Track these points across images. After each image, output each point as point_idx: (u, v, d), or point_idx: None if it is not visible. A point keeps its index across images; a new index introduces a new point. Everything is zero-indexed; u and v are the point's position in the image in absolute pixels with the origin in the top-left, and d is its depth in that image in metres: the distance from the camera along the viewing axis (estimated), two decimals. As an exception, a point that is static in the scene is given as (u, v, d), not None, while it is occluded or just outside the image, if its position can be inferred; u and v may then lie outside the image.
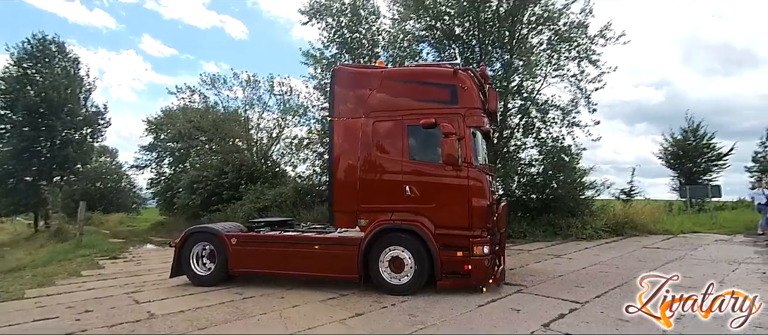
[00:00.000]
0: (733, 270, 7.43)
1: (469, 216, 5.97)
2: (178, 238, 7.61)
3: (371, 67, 7.12)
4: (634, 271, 7.33)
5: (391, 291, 6.12)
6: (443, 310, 5.33)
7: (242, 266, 6.94)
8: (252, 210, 16.00)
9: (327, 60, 17.39)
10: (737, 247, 10.54)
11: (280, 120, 22.94)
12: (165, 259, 11.05)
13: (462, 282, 6.02)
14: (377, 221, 6.30)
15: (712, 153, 22.40)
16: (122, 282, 7.89)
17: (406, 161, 6.31)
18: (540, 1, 14.80)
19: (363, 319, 5.10)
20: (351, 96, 6.71)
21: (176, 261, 7.32)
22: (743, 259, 8.53)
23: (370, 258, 6.27)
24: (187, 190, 20.59)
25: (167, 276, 8.03)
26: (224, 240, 6.99)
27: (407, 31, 16.46)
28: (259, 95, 22.99)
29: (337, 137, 6.71)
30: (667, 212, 16.89)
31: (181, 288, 7.08)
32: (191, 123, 24.53)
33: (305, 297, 6.16)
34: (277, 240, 6.91)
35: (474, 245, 5.93)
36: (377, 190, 6.44)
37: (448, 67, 6.42)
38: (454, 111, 6.14)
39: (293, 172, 22.06)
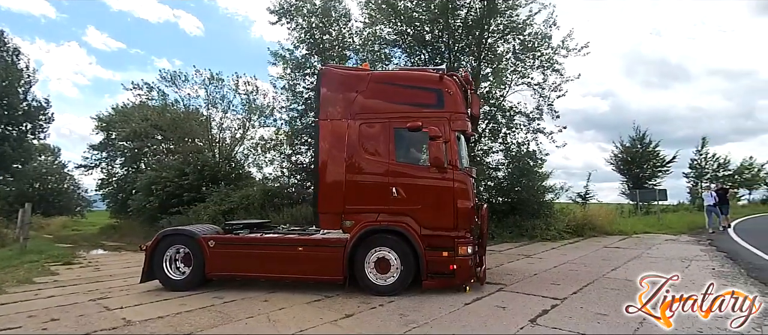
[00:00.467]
0: (686, 266, 8.08)
1: (455, 217, 6.13)
2: (148, 241, 7.27)
3: (358, 70, 7.15)
4: (602, 269, 7.82)
5: (377, 292, 6.16)
6: (432, 309, 5.43)
7: (221, 269, 6.72)
8: (217, 213, 15.48)
9: (296, 61, 17.22)
10: (685, 246, 11.46)
11: (245, 120, 22.31)
12: (126, 264, 10.53)
13: (447, 282, 6.17)
14: (363, 223, 6.32)
15: (657, 160, 24.19)
16: (84, 288, 7.41)
17: (393, 163, 6.38)
18: (505, 12, 15.44)
19: (354, 320, 5.11)
20: (338, 98, 6.70)
21: (147, 264, 6.98)
22: (693, 257, 9.30)
23: (355, 259, 6.27)
24: (144, 192, 19.57)
25: (134, 282, 7.68)
26: (201, 243, 6.75)
27: (378, 36, 16.60)
28: (222, 93, 22.24)
29: (323, 138, 6.68)
30: (619, 215, 18.04)
31: (154, 293, 6.76)
32: (148, 121, 23.39)
33: (290, 299, 6.07)
34: (259, 242, 6.76)
35: (459, 245, 6.09)
36: (363, 192, 6.46)
37: (434, 72, 6.57)
38: (440, 115, 6.30)
39: (259, 174, 21.59)
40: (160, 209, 18.70)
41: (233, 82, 22.32)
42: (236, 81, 22.32)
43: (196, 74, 21.63)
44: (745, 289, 6.22)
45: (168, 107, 23.83)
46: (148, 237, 17.75)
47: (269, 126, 22.18)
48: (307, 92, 17.64)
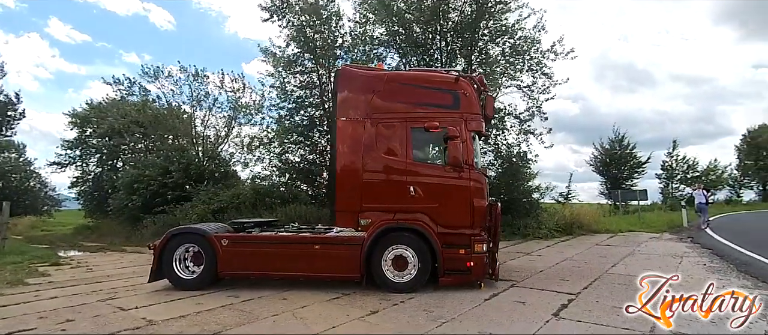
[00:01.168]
0: (678, 263, 8.53)
1: (471, 216, 6.29)
2: (157, 240, 7.14)
3: (375, 70, 7.21)
4: (602, 266, 8.16)
5: (395, 289, 6.25)
6: (454, 305, 5.56)
7: (234, 268, 6.66)
8: (206, 212, 15.19)
9: (287, 58, 17.10)
10: (670, 243, 12.05)
11: (230, 118, 21.92)
12: (118, 265, 10.24)
13: (463, 279, 6.32)
14: (381, 221, 6.40)
15: (634, 161, 25.22)
16: (85, 289, 7.19)
17: (410, 163, 6.49)
18: (495, 16, 15.81)
19: (381, 317, 5.18)
20: (355, 98, 6.76)
21: (156, 264, 6.84)
22: (682, 253, 9.82)
23: (372, 257, 6.35)
24: (126, 190, 18.95)
25: (138, 282, 7.56)
26: (213, 241, 6.67)
27: (371, 36, 16.70)
28: (206, 90, 21.77)
29: (340, 137, 6.72)
30: (602, 215, 18.74)
31: (164, 292, 6.64)
32: (127, 118, 22.66)
33: (308, 297, 6.08)
34: (273, 241, 6.73)
35: (475, 243, 6.26)
36: (380, 190, 6.55)
37: (450, 74, 6.72)
38: (456, 116, 6.45)
39: (245, 172, 21.26)
40: (143, 209, 18.17)
41: (218, 79, 21.89)
42: (221, 78, 21.90)
43: (180, 70, 21.05)
44: (738, 283, 6.66)
45: (149, 103, 23.19)
46: (130, 238, 17.45)
47: (255, 125, 21.98)
48: (298, 90, 17.57)
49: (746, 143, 42.49)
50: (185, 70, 21.34)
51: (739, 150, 43.14)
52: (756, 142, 41.35)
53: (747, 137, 42.74)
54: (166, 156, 20.30)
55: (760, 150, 40.71)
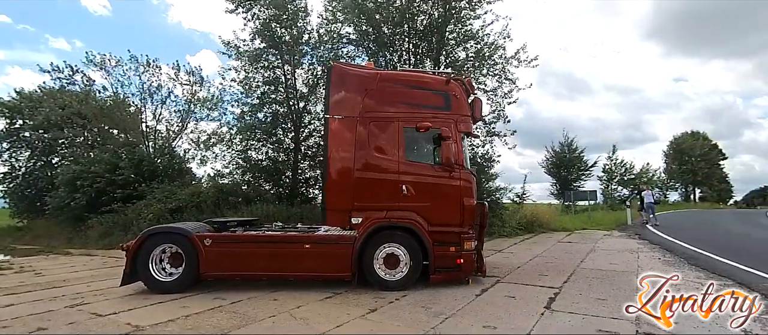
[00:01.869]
0: (636, 257, 9.25)
1: (461, 214, 6.47)
2: (130, 240, 6.69)
3: (367, 68, 7.18)
4: (572, 261, 8.69)
5: (386, 287, 6.29)
6: (448, 301, 5.70)
7: (218, 269, 6.39)
8: (163, 211, 14.36)
9: (252, 53, 16.56)
10: (622, 240, 13.04)
11: (185, 113, 20.86)
12: (72, 268, 9.45)
13: (453, 275, 6.49)
14: (373, 219, 6.41)
15: (582, 164, 27.00)
16: (45, 294, 6.59)
17: (402, 162, 6.55)
18: (461, 21, 16.27)
19: (382, 315, 5.20)
20: (347, 95, 6.71)
21: (130, 265, 6.40)
22: (636, 249, 10.66)
23: (364, 255, 6.35)
24: (68, 188, 17.48)
25: (104, 286, 7.13)
26: (196, 241, 6.35)
27: (340, 34, 16.58)
28: (159, 82, 20.55)
29: (332, 135, 6.64)
30: (556, 213, 19.86)
31: (140, 296, 6.24)
32: (67, 109, 20.88)
33: (300, 297, 5.97)
34: (261, 240, 6.52)
35: (464, 240, 6.44)
36: (372, 189, 6.55)
37: (441, 76, 6.86)
38: (447, 117, 6.60)
39: (199, 170, 20.35)
40: (87, 208, 16.85)
41: (172, 71, 20.76)
42: (176, 69, 20.80)
43: (130, 60, 19.73)
44: (693, 274, 7.36)
45: (92, 93, 21.53)
46: (72, 239, 16.15)
47: (213, 121, 21.09)
48: (263, 86, 17.05)
49: (672, 149, 46.81)
50: (136, 59, 20.01)
51: (666, 155, 47.47)
52: (680, 148, 45.66)
53: (673, 144, 47.10)
54: (114, 152, 18.97)
55: (684, 155, 45.00)
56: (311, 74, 17.50)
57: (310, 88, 17.69)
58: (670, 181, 44.88)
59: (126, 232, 14.47)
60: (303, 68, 17.67)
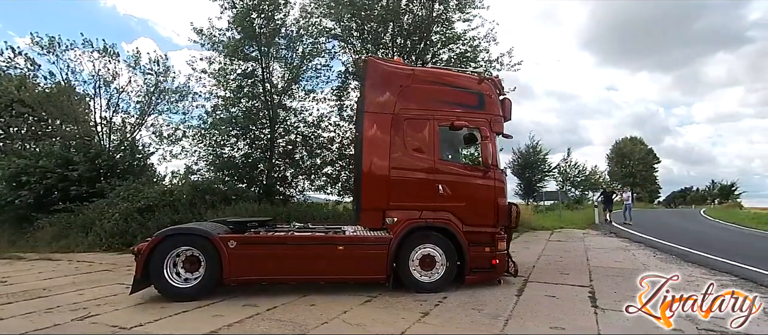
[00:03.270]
0: (633, 255, 9.72)
1: (495, 214, 6.45)
2: (142, 243, 6.02)
3: (402, 64, 6.94)
4: (578, 259, 9.01)
5: (422, 289, 6.13)
6: (494, 302, 5.65)
7: (244, 273, 5.90)
8: (131, 211, 13.18)
9: (230, 43, 15.67)
10: (606, 238, 13.78)
11: (145, 105, 19.27)
12: (41, 275, 8.39)
13: (487, 276, 6.46)
14: (409, 220, 6.22)
15: (545, 166, 28.33)
16: (35, 306, 5.76)
17: (438, 161, 6.42)
18: (443, 23, 16.41)
19: (437, 317, 5.03)
20: (383, 91, 6.46)
21: (141, 271, 5.76)
22: (625, 247, 11.27)
23: (399, 256, 6.15)
24: (10, 184, 15.62)
25: (98, 294, 6.42)
26: (218, 243, 5.83)
27: (324, 28, 16.15)
28: (116, 69, 18.81)
29: (367, 132, 6.35)
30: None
31: (156, 305, 5.62)
32: (5, 96, 18.66)
33: (338, 302, 5.65)
34: (291, 241, 6.11)
35: (498, 240, 6.43)
36: (407, 188, 6.36)
37: (472, 75, 6.80)
38: (481, 116, 6.55)
39: (162, 167, 18.95)
40: (35, 207, 15.15)
41: (133, 58, 19.11)
42: (136, 56, 19.16)
43: (86, 44, 17.92)
44: (687, 271, 7.85)
45: (33, 78, 19.36)
46: (16, 242, 14.44)
47: (176, 113, 19.66)
48: (239, 80, 16.20)
49: (614, 153, 50.46)
50: (90, 44, 18.20)
51: (609, 158, 51.12)
52: (622, 151, 49.32)
53: (615, 147, 50.82)
54: (64, 144, 17.23)
55: (625, 159, 48.67)
56: (288, 68, 16.91)
57: (287, 82, 17.09)
58: (613, 182, 48.35)
59: (86, 234, 13.18)
60: (280, 62, 17.04)
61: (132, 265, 9.25)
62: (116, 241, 12.47)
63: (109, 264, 9.66)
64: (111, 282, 7.40)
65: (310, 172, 16.89)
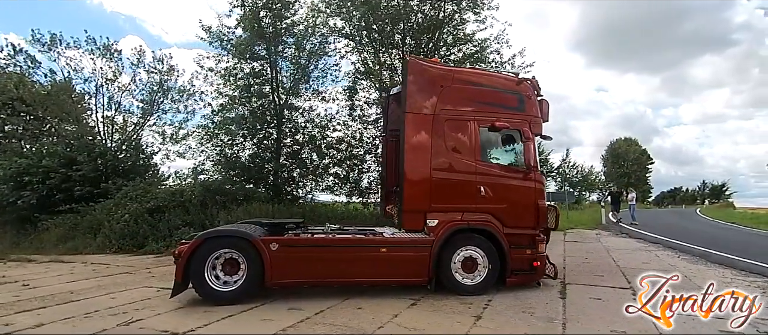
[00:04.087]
0: (655, 256, 9.79)
1: (536, 216, 6.42)
2: (182, 245, 5.87)
3: (440, 64, 6.87)
4: (606, 260, 9.05)
5: (465, 292, 6.08)
6: (541, 304, 5.62)
7: (286, 276, 5.79)
8: (142, 211, 12.93)
9: (239, 42, 15.48)
10: (621, 239, 13.91)
11: (148, 104, 19.00)
12: (61, 279, 8.18)
13: (528, 278, 6.43)
14: (451, 222, 6.16)
15: (548, 166, 28.50)
16: (69, 311, 5.56)
17: (479, 162, 6.37)
18: (452, 23, 16.37)
19: (492, 321, 4.97)
20: (424, 92, 6.39)
21: (181, 274, 5.62)
22: (643, 247, 11.36)
23: (441, 259, 6.09)
24: (12, 184, 15.24)
25: (131, 297, 6.22)
26: (260, 246, 5.70)
27: (332, 27, 16.04)
28: (120, 67, 18.51)
29: (409, 132, 6.27)
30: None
31: (198, 308, 5.50)
32: (5, 94, 18.22)
33: (385, 305, 5.56)
34: (334, 244, 6.03)
35: (538, 243, 6.40)
36: (449, 190, 6.30)
37: (510, 76, 6.77)
38: (522, 118, 6.52)
39: (165, 167, 18.62)
40: (38, 208, 14.81)
41: (135, 56, 18.82)
42: (139, 54, 18.87)
43: (89, 41, 17.61)
44: (718, 272, 7.91)
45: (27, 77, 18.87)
46: (19, 244, 14.06)
47: (180, 113, 19.39)
48: (248, 79, 15.99)
49: (610, 154, 51.05)
50: (93, 41, 17.88)
51: (605, 159, 51.70)
52: (616, 152, 49.93)
53: (610, 148, 51.39)
54: (68, 144, 16.86)
55: (620, 159, 49.28)
56: (296, 67, 16.74)
57: (294, 82, 16.92)
58: (609, 183, 48.93)
59: (94, 235, 12.90)
60: (288, 61, 16.88)
61: (150, 268, 9.31)
62: (127, 242, 12.23)
63: (126, 266, 9.45)
64: (138, 284, 7.23)
65: (317, 173, 16.73)
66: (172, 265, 9.21)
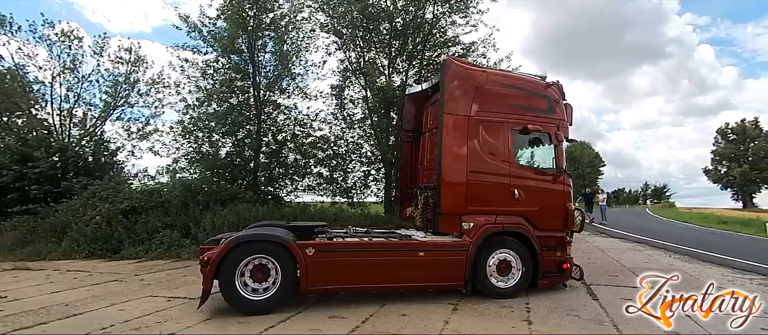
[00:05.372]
0: (648, 255, 10.27)
1: (565, 219, 6.50)
2: (210, 250, 5.39)
3: (475, 66, 6.76)
4: (609, 260, 9.34)
5: (499, 295, 6.05)
6: (579, 306, 5.71)
7: (323, 282, 5.47)
8: (114, 213, 11.91)
9: (220, 35, 14.66)
10: (602, 239, 14.47)
11: (113, 97, 17.60)
12: (39, 289, 7.28)
13: (557, 280, 6.50)
14: (486, 225, 6.10)
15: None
16: (79, 325, 4.98)
17: (513, 165, 6.36)
18: (434, 25, 16.39)
19: (542, 324, 4.96)
20: (461, 93, 6.28)
21: (210, 282, 5.16)
22: (632, 247, 11.91)
23: (477, 262, 6.01)
24: (-48, 183, 13.59)
25: (143, 307, 5.70)
26: (295, 251, 5.36)
27: (316, 21, 15.59)
28: (78, 56, 16.98)
29: (446, 134, 6.12)
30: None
31: (231, 318, 5.10)
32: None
33: (428, 310, 5.42)
34: (373, 248, 5.80)
35: (567, 245, 6.50)
36: (484, 192, 6.25)
37: (537, 79, 6.82)
38: (551, 121, 6.58)
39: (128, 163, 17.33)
40: (-12, 209, 13.30)
41: (98, 45, 17.36)
42: (101, 43, 17.41)
43: (46, 24, 16.05)
44: (717, 271, 8.41)
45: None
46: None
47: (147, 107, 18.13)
48: (229, 73, 15.18)
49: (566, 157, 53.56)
50: (51, 25, 16.30)
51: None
52: (572, 155, 52.45)
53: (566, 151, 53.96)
54: (20, 138, 15.29)
55: (575, 162, 51.87)
56: (278, 62, 16.12)
57: (275, 77, 16.29)
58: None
59: (59, 239, 11.73)
60: (271, 54, 16.22)
61: (139, 274, 8.57)
62: (99, 247, 11.21)
63: (110, 273, 8.64)
64: (138, 294, 6.59)
65: (301, 172, 16.19)
66: (165, 271, 8.80)
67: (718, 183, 58.52)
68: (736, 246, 12.42)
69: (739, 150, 55.84)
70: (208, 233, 11.46)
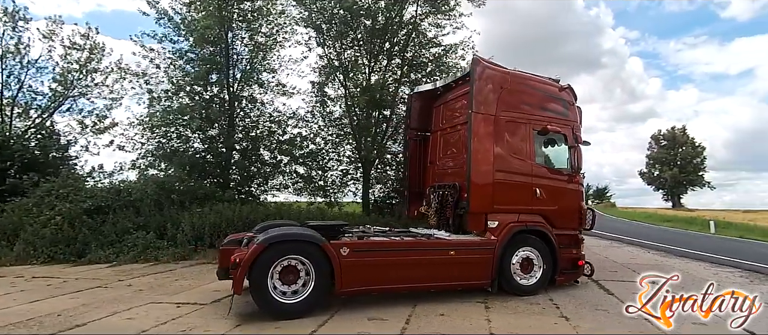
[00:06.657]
0: (630, 250, 10.90)
1: (580, 218, 6.73)
2: (240, 251, 5.00)
3: (499, 66, 6.75)
4: (597, 257, 9.74)
5: (522, 292, 6.15)
6: (604, 303, 5.92)
7: (357, 283, 5.26)
8: (77, 212, 10.82)
9: (197, 26, 13.76)
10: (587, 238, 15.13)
11: (65, 85, 15.99)
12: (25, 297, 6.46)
13: (573, 277, 6.71)
14: (510, 224, 6.17)
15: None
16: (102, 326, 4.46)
17: (534, 165, 6.49)
18: (416, 27, 16.47)
19: (579, 319, 5.09)
20: (488, 93, 6.28)
21: (241, 285, 4.81)
22: (609, 244, 12.57)
23: (503, 260, 6.07)
24: None
25: (153, 316, 5.24)
26: (330, 251, 5.11)
27: (301, 18, 15.13)
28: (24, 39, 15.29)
29: (475, 132, 6.09)
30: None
31: (263, 323, 4.76)
32: None
33: (464, 310, 5.39)
34: (406, 247, 5.68)
35: (581, 243, 6.73)
36: (508, 191, 6.31)
37: (552, 81, 6.99)
38: (567, 122, 6.78)
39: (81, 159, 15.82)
40: None
41: (47, 27, 15.72)
42: (54, 25, 15.79)
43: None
44: (686, 265, 9.06)
45: None
46: None
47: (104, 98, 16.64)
48: (201, 65, 14.30)
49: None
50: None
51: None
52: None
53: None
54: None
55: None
56: (251, 56, 15.45)
57: (248, 72, 15.58)
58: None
59: (10, 242, 10.47)
60: (244, 47, 15.51)
61: (123, 279, 7.84)
62: (61, 250, 10.13)
63: (89, 279, 7.83)
64: (137, 301, 5.97)
65: (278, 170, 15.60)
66: (151, 276, 8.10)
67: (652, 185, 63.75)
68: (702, 243, 13.56)
69: (669, 155, 61.18)
70: (188, 235, 10.77)
